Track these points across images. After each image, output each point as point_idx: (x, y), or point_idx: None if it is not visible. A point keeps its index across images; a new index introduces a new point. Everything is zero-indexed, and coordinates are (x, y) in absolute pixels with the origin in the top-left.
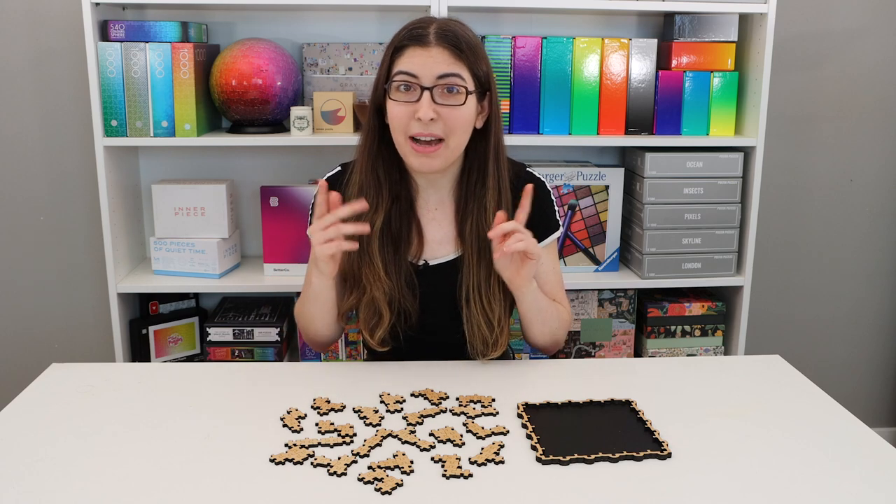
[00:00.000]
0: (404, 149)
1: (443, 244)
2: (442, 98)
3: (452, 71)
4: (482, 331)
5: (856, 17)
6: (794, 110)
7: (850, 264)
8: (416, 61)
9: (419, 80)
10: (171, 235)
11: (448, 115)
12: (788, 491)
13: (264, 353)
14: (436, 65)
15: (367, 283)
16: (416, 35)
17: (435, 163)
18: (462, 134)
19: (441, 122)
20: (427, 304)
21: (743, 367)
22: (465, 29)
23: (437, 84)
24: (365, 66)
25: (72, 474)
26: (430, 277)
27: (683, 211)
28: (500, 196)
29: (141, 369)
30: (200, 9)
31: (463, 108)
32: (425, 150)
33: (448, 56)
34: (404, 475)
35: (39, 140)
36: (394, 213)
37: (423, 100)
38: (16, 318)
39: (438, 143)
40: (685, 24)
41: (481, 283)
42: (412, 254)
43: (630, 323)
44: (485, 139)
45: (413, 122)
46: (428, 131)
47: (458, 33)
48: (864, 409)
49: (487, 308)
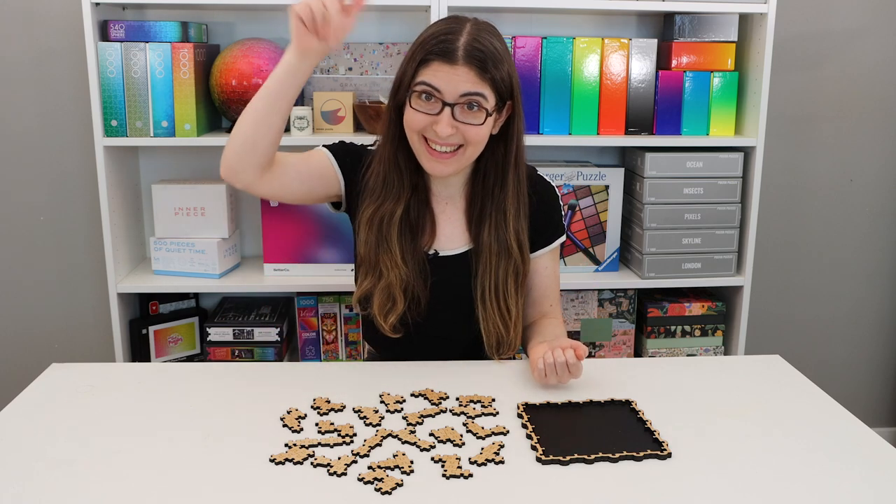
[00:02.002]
0: (418, 148)
1: (452, 238)
2: (462, 115)
3: (476, 90)
4: (498, 330)
5: (856, 17)
6: (794, 110)
7: (850, 264)
8: (441, 76)
9: (442, 95)
10: (171, 235)
11: (466, 130)
12: (788, 491)
13: (264, 353)
14: (460, 83)
15: (385, 270)
16: (444, 50)
17: (447, 169)
18: (478, 146)
19: (460, 135)
20: (437, 294)
21: (743, 367)
22: (494, 39)
23: (458, 102)
24: (365, 66)
25: (72, 474)
26: (440, 267)
27: (683, 211)
28: (519, 201)
29: (141, 369)
30: (200, 9)
31: (481, 127)
32: (439, 157)
33: (474, 76)
34: (404, 475)
35: (39, 140)
36: (413, 202)
37: (443, 115)
38: (16, 318)
39: (454, 151)
40: (685, 24)
41: (498, 284)
42: (425, 243)
43: (630, 323)
44: (504, 144)
45: (430, 131)
46: (445, 142)
47: (487, 50)
48: (864, 409)
49: (504, 308)
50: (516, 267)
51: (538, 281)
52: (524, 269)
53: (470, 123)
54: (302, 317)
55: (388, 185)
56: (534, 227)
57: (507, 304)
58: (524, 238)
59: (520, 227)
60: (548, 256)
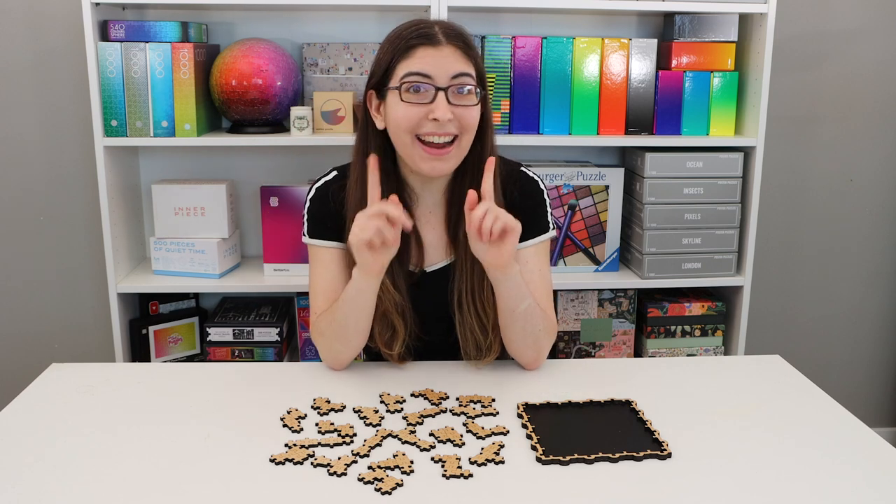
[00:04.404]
0: (412, 151)
1: (437, 248)
2: (455, 98)
3: (465, 70)
4: (476, 335)
5: (856, 17)
6: (794, 110)
7: (850, 264)
8: (429, 61)
9: (433, 80)
10: (171, 235)
11: (462, 115)
12: (788, 491)
13: (264, 353)
14: (449, 64)
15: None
16: (424, 34)
17: (447, 165)
18: (472, 133)
19: (456, 121)
20: (425, 311)
21: (743, 367)
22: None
23: (451, 84)
24: (365, 66)
25: (72, 474)
26: (426, 284)
27: (683, 211)
28: (494, 199)
29: (141, 369)
30: (200, 9)
31: (475, 109)
32: (438, 154)
33: (460, 54)
34: (404, 475)
35: (39, 140)
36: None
37: (438, 100)
38: (16, 318)
39: (451, 143)
40: (685, 24)
41: (475, 287)
42: (412, 262)
43: (630, 323)
44: (479, 142)
45: (426, 123)
46: (443, 131)
47: (464, 32)
48: (864, 409)
49: (481, 312)
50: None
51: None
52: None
53: (465, 105)
54: (302, 317)
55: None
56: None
57: (484, 308)
58: None
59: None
60: (529, 252)
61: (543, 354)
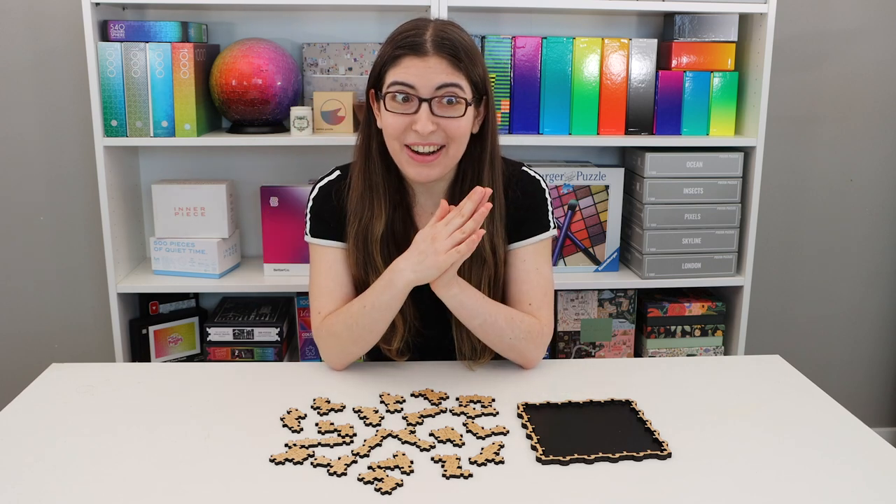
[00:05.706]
0: (400, 157)
1: None
2: (441, 110)
3: (451, 81)
4: (471, 336)
5: (856, 17)
6: (794, 110)
7: (850, 264)
8: (413, 72)
9: (417, 91)
10: (171, 235)
11: (447, 126)
12: (788, 491)
13: (264, 353)
14: (434, 75)
15: None
16: (411, 43)
17: (433, 172)
18: (461, 143)
19: (441, 132)
20: (424, 308)
21: (743, 367)
22: (462, 32)
23: (435, 95)
24: (365, 66)
25: (72, 474)
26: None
27: (683, 211)
28: (495, 202)
29: (141, 369)
30: (200, 9)
31: (462, 120)
32: (424, 161)
33: (447, 66)
34: (404, 475)
35: (39, 140)
36: (395, 220)
37: (421, 112)
38: (16, 318)
39: (437, 151)
40: (685, 24)
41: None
42: None
43: (630, 323)
44: (480, 145)
45: (411, 133)
46: (427, 141)
47: (456, 40)
48: (864, 409)
49: None
50: (489, 272)
51: (515, 275)
52: (498, 274)
53: (450, 117)
54: (302, 317)
55: (366, 203)
56: (514, 220)
57: None
58: (499, 242)
59: (495, 230)
60: (528, 251)
61: (531, 357)
